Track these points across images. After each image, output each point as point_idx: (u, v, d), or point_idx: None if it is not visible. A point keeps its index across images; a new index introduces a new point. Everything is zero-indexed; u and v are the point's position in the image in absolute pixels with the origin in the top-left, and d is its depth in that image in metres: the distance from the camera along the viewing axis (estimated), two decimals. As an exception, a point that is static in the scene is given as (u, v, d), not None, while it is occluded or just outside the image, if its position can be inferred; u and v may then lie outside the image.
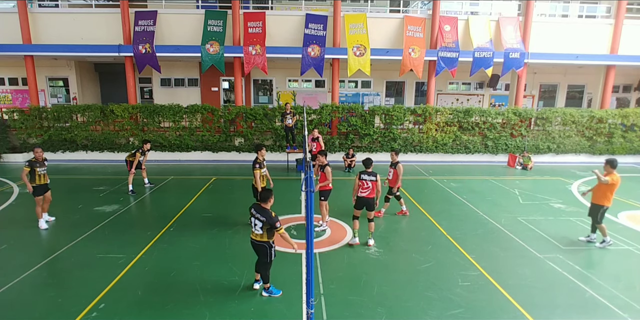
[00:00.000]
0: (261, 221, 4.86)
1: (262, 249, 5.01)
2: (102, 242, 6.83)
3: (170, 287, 5.32)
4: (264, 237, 4.94)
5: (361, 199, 6.72)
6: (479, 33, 15.15)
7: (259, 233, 4.94)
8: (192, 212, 8.55)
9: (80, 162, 14.16)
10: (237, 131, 14.85)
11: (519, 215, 8.57)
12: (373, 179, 6.65)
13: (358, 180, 6.70)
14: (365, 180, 6.64)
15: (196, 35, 14.58)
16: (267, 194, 5.00)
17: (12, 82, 17.48)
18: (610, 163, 6.76)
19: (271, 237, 4.97)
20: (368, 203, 6.70)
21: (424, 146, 15.06)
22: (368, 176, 6.66)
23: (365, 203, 6.71)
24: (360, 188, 6.70)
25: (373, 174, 6.68)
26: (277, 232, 4.90)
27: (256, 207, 4.97)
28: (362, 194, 6.69)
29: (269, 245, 4.99)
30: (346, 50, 14.55)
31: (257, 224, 4.91)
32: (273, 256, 5.06)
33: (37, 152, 7.52)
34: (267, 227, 4.87)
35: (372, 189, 6.65)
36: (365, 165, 6.79)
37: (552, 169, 13.96)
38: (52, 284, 5.44)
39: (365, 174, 6.69)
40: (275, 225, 4.83)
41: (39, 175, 7.44)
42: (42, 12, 14.73)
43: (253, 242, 5.05)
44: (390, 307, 4.90)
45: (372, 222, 6.79)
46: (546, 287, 5.45)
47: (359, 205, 6.77)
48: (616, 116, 15.40)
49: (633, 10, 17.51)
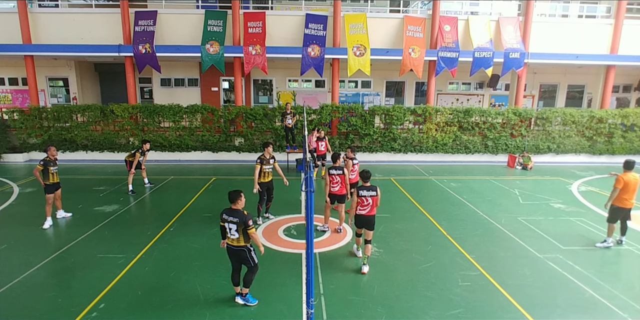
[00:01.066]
0: (235, 223, 4.65)
1: (242, 254, 4.77)
2: (102, 242, 6.83)
3: (170, 287, 5.32)
4: (241, 241, 4.72)
5: (360, 218, 5.92)
6: (479, 33, 15.15)
7: (235, 237, 4.71)
8: (192, 212, 8.55)
9: (80, 162, 14.16)
10: (237, 131, 14.85)
11: (519, 215, 8.57)
12: (373, 194, 5.83)
13: (357, 197, 5.84)
14: (365, 197, 5.81)
15: (196, 35, 14.58)
16: (234, 194, 4.78)
17: (12, 82, 17.47)
18: (624, 164, 6.93)
19: (248, 240, 4.75)
20: (369, 221, 5.90)
21: (424, 146, 15.06)
22: (367, 191, 5.82)
23: (365, 222, 5.91)
24: (359, 205, 5.88)
25: (373, 189, 5.86)
26: (248, 231, 4.65)
27: (227, 211, 4.77)
28: (362, 211, 5.88)
29: (248, 249, 4.77)
30: (346, 50, 14.55)
31: (232, 227, 4.68)
32: (256, 259, 4.85)
33: (51, 150, 7.65)
34: (241, 228, 4.65)
35: (373, 205, 5.86)
36: (362, 179, 5.95)
37: (552, 169, 13.96)
38: (52, 284, 5.44)
39: (364, 189, 5.84)
40: (248, 223, 4.63)
41: (51, 174, 7.59)
42: (42, 12, 14.73)
43: (230, 248, 4.80)
44: (390, 307, 4.90)
45: (369, 244, 5.90)
46: (546, 287, 5.45)
47: (359, 224, 6.01)
48: (616, 116, 15.40)
49: (633, 10, 17.49)
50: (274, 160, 7.67)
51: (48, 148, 7.68)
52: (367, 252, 5.87)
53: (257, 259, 4.88)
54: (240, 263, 4.88)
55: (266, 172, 7.55)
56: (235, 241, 4.75)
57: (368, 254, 5.88)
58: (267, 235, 7.22)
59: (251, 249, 4.81)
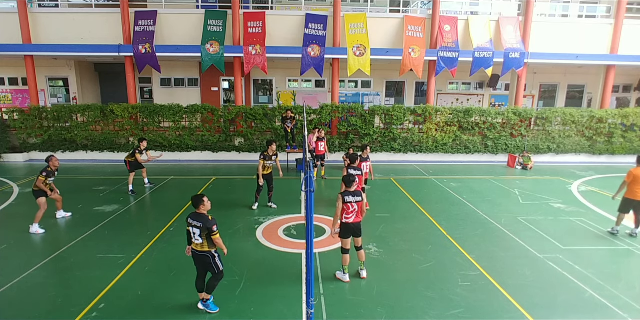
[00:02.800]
0: (198, 228, 4.55)
1: (206, 259, 4.64)
2: (102, 242, 6.83)
3: (170, 287, 5.32)
4: (205, 247, 4.60)
5: (348, 226, 5.44)
6: (479, 33, 15.15)
7: (199, 242, 4.61)
8: (192, 212, 8.52)
9: (80, 162, 14.16)
10: (237, 131, 14.85)
11: (519, 215, 8.57)
12: (359, 199, 5.43)
13: (342, 204, 5.36)
14: (351, 203, 5.37)
15: (196, 35, 14.58)
16: (197, 199, 4.69)
17: (12, 82, 17.47)
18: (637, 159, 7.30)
19: (213, 246, 4.65)
20: (357, 229, 5.50)
21: (424, 146, 15.06)
22: (353, 197, 5.40)
23: (353, 230, 5.48)
24: (344, 213, 5.41)
25: (358, 194, 5.46)
26: (212, 237, 4.56)
27: (192, 215, 4.69)
28: (348, 219, 5.42)
29: (212, 255, 4.64)
30: (346, 50, 14.55)
31: (196, 231, 4.58)
32: (221, 266, 4.72)
33: (53, 160, 7.49)
34: (205, 233, 4.55)
35: (359, 211, 5.45)
36: (346, 184, 5.46)
37: (552, 169, 13.96)
38: (52, 284, 5.44)
39: (349, 195, 5.40)
40: (212, 229, 4.54)
41: (47, 184, 7.49)
42: (42, 12, 14.73)
43: (195, 253, 4.70)
44: (391, 307, 4.90)
45: (361, 251, 5.63)
46: (546, 287, 5.45)
47: (346, 234, 5.47)
48: (616, 116, 15.40)
49: (633, 10, 17.49)
50: (276, 156, 8.63)
51: (50, 158, 7.50)
52: (362, 258, 5.63)
53: (222, 266, 4.75)
54: (205, 269, 4.75)
55: (267, 167, 8.58)
56: (199, 246, 4.65)
57: (363, 259, 5.64)
58: (267, 235, 7.22)
59: (216, 255, 4.68)
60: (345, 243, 5.53)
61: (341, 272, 5.65)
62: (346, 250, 5.54)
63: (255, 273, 5.76)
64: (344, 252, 5.55)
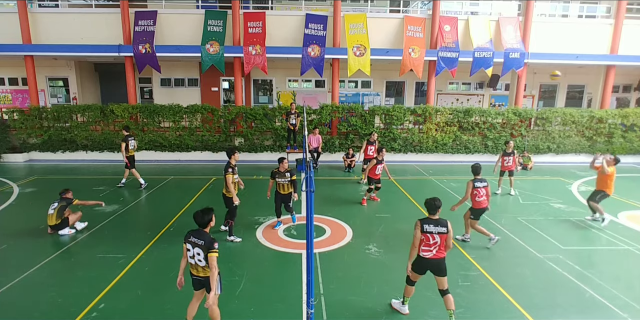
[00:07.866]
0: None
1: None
2: (102, 242, 6.83)
3: (170, 287, 5.31)
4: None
5: (425, 261, 4.46)
6: (479, 33, 15.15)
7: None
8: (192, 212, 8.37)
9: (80, 162, 14.16)
10: (237, 131, 14.85)
11: (519, 215, 8.57)
12: (443, 230, 4.41)
13: (419, 233, 4.43)
14: (432, 234, 4.40)
15: (196, 35, 14.58)
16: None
17: (12, 82, 17.47)
18: (617, 159, 8.01)
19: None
20: (438, 266, 4.46)
21: (424, 146, 15.06)
22: (435, 227, 4.42)
23: (432, 266, 4.47)
24: (422, 244, 4.46)
25: (442, 223, 4.46)
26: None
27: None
28: (426, 254, 4.43)
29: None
30: (346, 50, 14.55)
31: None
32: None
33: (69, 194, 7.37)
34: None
35: (442, 244, 4.44)
36: (429, 209, 4.56)
37: (552, 169, 13.96)
38: (52, 284, 5.43)
39: (430, 223, 4.45)
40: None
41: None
42: (42, 12, 14.72)
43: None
44: (390, 307, 4.90)
45: (448, 295, 4.49)
46: (546, 287, 5.45)
47: (420, 269, 4.52)
48: (616, 116, 15.40)
49: (633, 10, 17.49)
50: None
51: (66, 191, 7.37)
52: (451, 306, 4.45)
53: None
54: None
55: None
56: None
57: (452, 307, 4.45)
58: (267, 235, 7.22)
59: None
60: (414, 276, 4.61)
61: (399, 302, 4.83)
62: (412, 281, 4.65)
63: (255, 273, 5.77)
64: (410, 283, 4.67)
